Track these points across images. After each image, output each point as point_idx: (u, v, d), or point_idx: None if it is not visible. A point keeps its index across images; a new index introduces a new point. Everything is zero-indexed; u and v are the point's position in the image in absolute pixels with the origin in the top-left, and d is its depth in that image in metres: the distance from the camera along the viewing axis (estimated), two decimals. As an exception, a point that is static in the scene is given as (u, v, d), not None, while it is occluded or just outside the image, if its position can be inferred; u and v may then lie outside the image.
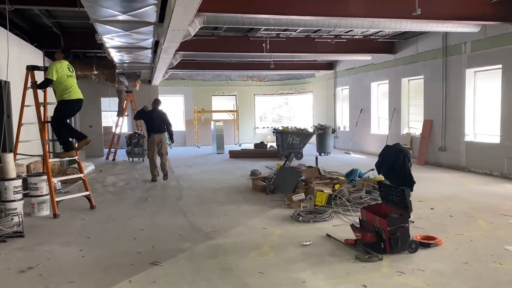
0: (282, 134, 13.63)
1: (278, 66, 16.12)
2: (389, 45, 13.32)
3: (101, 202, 7.40)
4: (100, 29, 7.49)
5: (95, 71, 12.81)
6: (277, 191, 7.83)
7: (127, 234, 5.45)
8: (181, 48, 10.69)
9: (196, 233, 5.46)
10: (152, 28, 7.54)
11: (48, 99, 7.12)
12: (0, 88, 7.85)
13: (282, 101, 22.61)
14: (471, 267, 4.11)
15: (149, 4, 5.94)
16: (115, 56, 10.70)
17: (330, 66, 17.82)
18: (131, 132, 15.29)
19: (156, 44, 9.61)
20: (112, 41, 8.61)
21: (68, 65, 6.67)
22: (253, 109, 21.74)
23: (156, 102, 10.16)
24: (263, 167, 11.52)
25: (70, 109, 6.85)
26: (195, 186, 9.02)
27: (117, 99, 15.55)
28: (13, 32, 8.95)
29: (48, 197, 6.51)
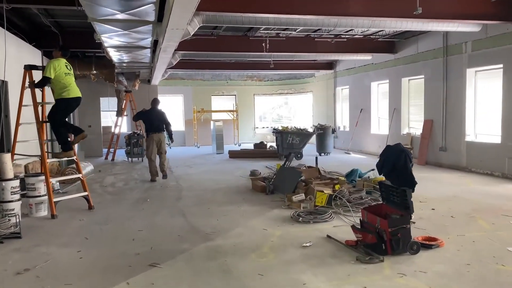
0: (281, 134, 13.59)
1: (277, 65, 16.07)
2: (389, 45, 13.28)
3: (99, 203, 7.35)
4: (98, 28, 7.44)
5: (94, 71, 12.76)
6: (277, 192, 7.78)
7: (125, 235, 5.40)
8: (180, 48, 10.66)
9: (195, 234, 5.41)
10: (151, 27, 7.49)
11: (46, 98, 7.09)
12: (-2, 88, 7.81)
13: (282, 101, 22.57)
14: (473, 268, 4.06)
15: (147, 2, 5.89)
16: (114, 55, 10.66)
17: (330, 65, 17.78)
18: (130, 132, 15.23)
19: (155, 43, 9.57)
20: (110, 40, 8.57)
21: (66, 63, 6.62)
22: (253, 109, 21.69)
23: (155, 102, 10.16)
24: (262, 167, 11.47)
25: (68, 108, 6.82)
26: (194, 186, 8.97)
27: (116, 98, 15.51)
28: (11, 31, 8.91)
29: (46, 198, 6.46)
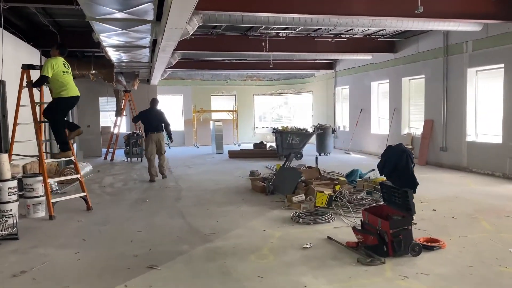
0: (281, 134, 13.53)
1: (277, 65, 16.01)
2: (389, 44, 13.23)
3: (98, 203, 7.29)
4: (96, 27, 7.39)
5: (93, 71, 12.72)
6: (276, 192, 7.73)
7: (123, 237, 5.34)
8: (179, 47, 10.61)
9: (194, 235, 5.36)
10: (150, 26, 7.44)
11: (44, 98, 7.02)
12: (-4, 88, 7.75)
13: (282, 100, 22.51)
14: (476, 270, 4.01)
15: (146, 1, 5.84)
16: (112, 55, 10.61)
17: (330, 65, 17.71)
18: (129, 132, 15.19)
19: (154, 43, 9.51)
20: (109, 39, 8.52)
21: (64, 61, 6.54)
22: (253, 109, 21.63)
23: (154, 102, 10.13)
24: (262, 167, 11.41)
25: (67, 107, 6.78)
26: (193, 187, 8.91)
27: (115, 98, 15.46)
28: (9, 30, 8.85)
29: (44, 198, 6.40)
